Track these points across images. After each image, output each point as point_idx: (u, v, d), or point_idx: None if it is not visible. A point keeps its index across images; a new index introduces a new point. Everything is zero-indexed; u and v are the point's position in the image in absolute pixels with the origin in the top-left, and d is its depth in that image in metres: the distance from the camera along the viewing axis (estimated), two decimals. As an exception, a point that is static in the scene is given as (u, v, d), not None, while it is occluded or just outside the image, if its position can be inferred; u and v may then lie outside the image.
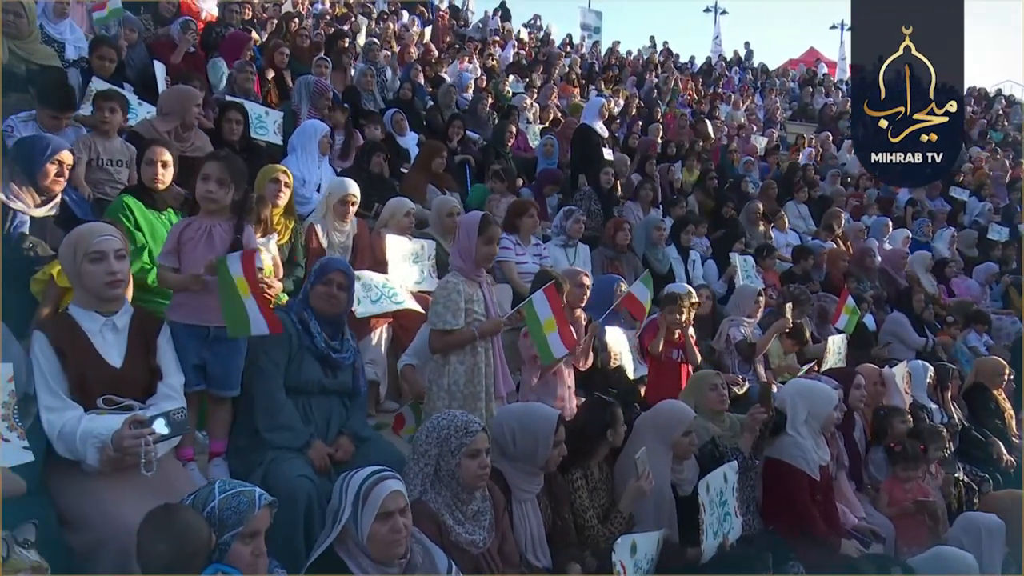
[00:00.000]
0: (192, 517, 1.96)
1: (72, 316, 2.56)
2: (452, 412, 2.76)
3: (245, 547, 2.00)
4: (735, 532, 3.24)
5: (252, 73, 6.23)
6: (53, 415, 2.37)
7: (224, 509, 2.01)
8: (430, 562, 2.35)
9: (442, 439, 2.60)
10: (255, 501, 2.04)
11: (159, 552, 1.88)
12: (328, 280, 3.08)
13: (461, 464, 2.58)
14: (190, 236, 2.82)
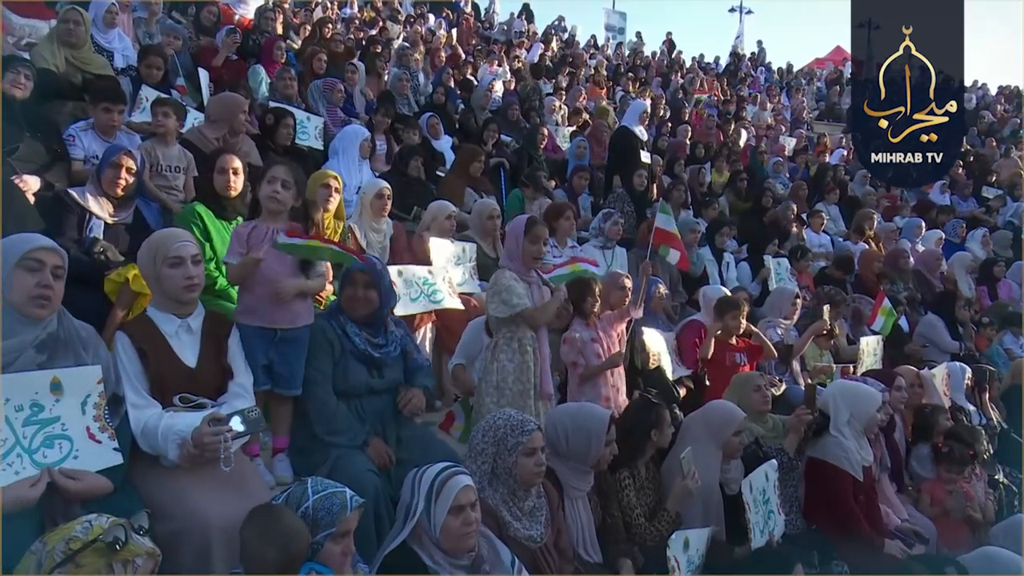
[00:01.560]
0: (294, 521, 2.05)
1: (151, 318, 2.68)
2: (507, 411, 2.85)
3: (336, 546, 2.11)
4: (779, 529, 3.30)
5: (292, 79, 6.37)
6: (137, 412, 2.49)
7: (318, 510, 2.11)
8: (495, 556, 2.45)
9: (499, 438, 2.68)
10: (347, 503, 2.15)
11: (268, 556, 1.97)
12: (352, 281, 3.14)
13: (518, 462, 2.66)
14: (257, 238, 2.93)
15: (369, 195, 4.65)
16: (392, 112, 6.98)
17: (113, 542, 1.68)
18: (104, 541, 1.68)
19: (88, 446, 2.26)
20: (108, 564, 1.66)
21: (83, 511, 2.17)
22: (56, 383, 2.26)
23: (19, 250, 2.26)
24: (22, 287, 2.23)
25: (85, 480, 2.18)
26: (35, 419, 2.20)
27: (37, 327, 2.28)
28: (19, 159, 3.90)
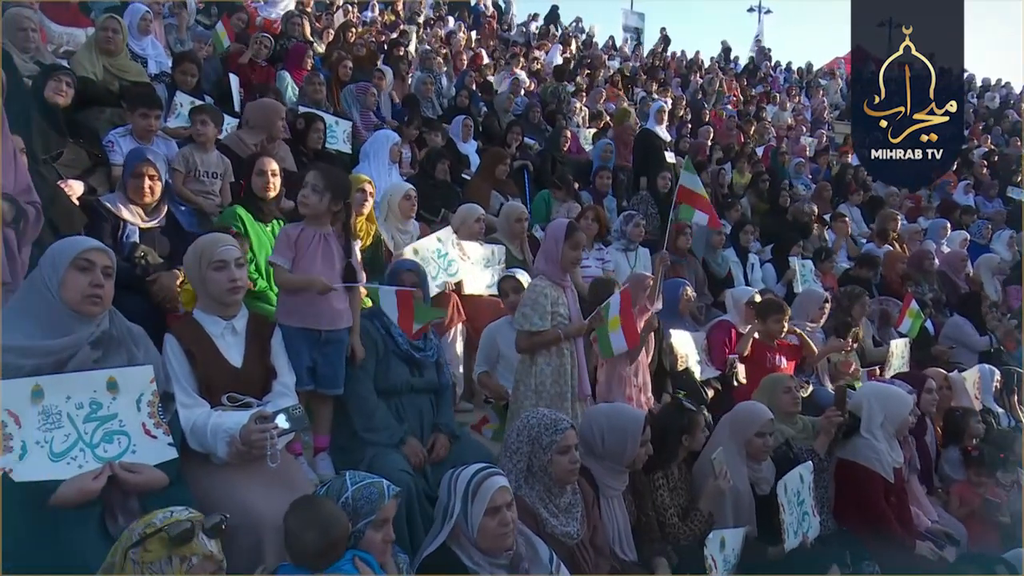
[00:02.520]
0: (334, 508, 2.13)
1: (197, 320, 2.76)
2: (541, 411, 2.90)
3: (376, 533, 2.17)
4: (814, 531, 3.32)
5: (321, 84, 6.47)
6: (186, 411, 2.56)
7: (358, 499, 2.19)
8: (534, 554, 2.49)
9: (533, 437, 2.73)
10: (385, 492, 2.22)
11: (308, 540, 2.05)
12: (400, 281, 3.24)
13: (553, 460, 2.71)
14: (306, 242, 3.00)
15: (396, 197, 4.73)
16: (419, 119, 7.06)
17: (176, 535, 1.74)
18: (168, 533, 1.73)
19: (144, 441, 2.34)
20: (168, 555, 1.72)
21: (140, 504, 2.27)
22: (112, 382, 2.34)
23: (71, 252, 2.34)
24: (76, 286, 2.31)
25: (143, 474, 2.26)
26: (95, 416, 2.28)
27: (91, 324, 2.36)
28: (63, 165, 4.00)
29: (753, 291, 5.35)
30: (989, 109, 17.63)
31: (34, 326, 2.28)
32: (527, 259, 5.42)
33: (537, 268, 3.61)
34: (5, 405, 2.14)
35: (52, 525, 2.08)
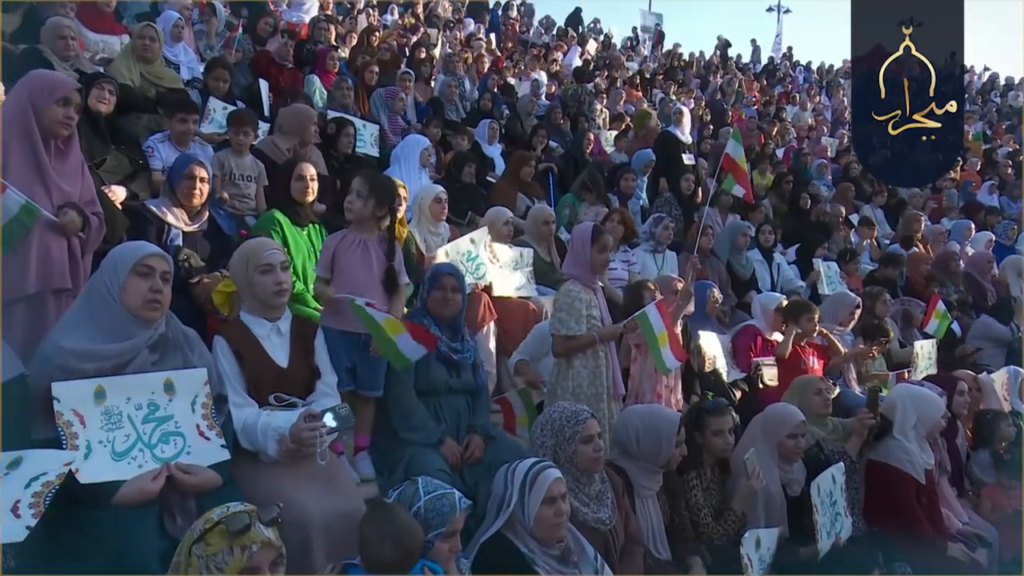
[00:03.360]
0: (410, 520, 2.18)
1: (244, 322, 2.84)
2: (561, 404, 2.98)
3: (445, 544, 2.24)
4: (846, 531, 3.35)
5: (349, 89, 6.56)
6: (238, 411, 2.64)
7: (429, 511, 2.25)
8: (581, 549, 2.56)
9: (556, 430, 2.81)
10: (456, 504, 2.28)
11: (385, 551, 2.10)
12: (441, 285, 3.30)
13: (577, 450, 2.79)
14: (345, 249, 3.08)
15: (427, 200, 4.80)
16: (442, 122, 7.13)
17: (235, 527, 1.80)
18: (227, 525, 1.80)
19: (199, 443, 2.41)
20: (229, 546, 1.78)
21: (196, 504, 2.35)
22: (169, 384, 2.43)
23: (132, 258, 2.42)
24: (136, 292, 2.39)
25: (199, 475, 2.33)
26: (152, 417, 2.37)
27: (150, 329, 2.44)
28: (106, 171, 4.11)
29: (780, 297, 5.37)
30: (1013, 108, 17.46)
31: (96, 330, 2.37)
32: (554, 261, 5.48)
33: (567, 272, 3.67)
34: (71, 405, 2.22)
35: (114, 523, 2.16)
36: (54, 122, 2.81)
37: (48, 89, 2.84)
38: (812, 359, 4.65)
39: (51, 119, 2.81)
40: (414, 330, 2.97)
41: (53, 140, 2.85)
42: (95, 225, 2.95)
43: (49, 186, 2.86)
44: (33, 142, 2.82)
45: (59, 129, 2.83)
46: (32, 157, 2.84)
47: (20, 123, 2.82)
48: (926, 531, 3.67)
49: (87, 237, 2.92)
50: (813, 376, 4.18)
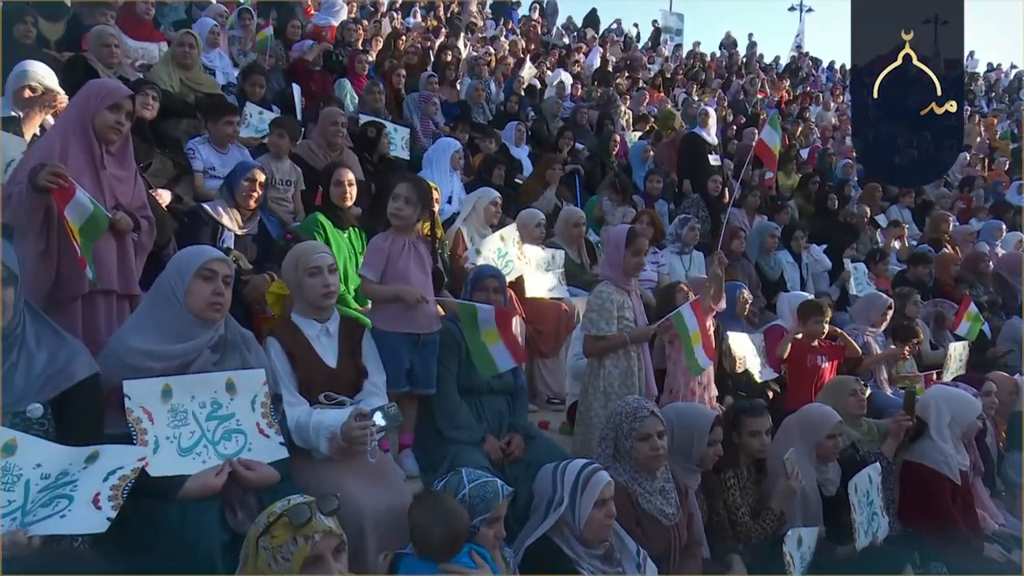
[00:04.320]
0: (456, 504, 2.27)
1: (295, 323, 2.93)
2: (627, 399, 3.04)
3: (490, 530, 2.32)
4: (883, 531, 3.37)
5: (380, 93, 6.66)
6: (291, 410, 2.73)
7: (474, 497, 2.33)
8: (622, 546, 2.61)
9: (616, 424, 2.88)
10: (499, 491, 2.36)
11: (435, 533, 2.19)
12: (484, 286, 3.38)
13: (634, 447, 2.84)
14: (398, 252, 3.16)
15: (484, 202, 4.91)
16: (469, 125, 7.21)
17: (297, 518, 1.88)
18: (289, 516, 1.88)
19: (259, 440, 2.50)
20: (293, 537, 1.85)
21: (256, 499, 2.43)
22: (230, 383, 2.52)
23: (196, 262, 2.52)
24: (200, 295, 2.48)
25: (259, 471, 2.42)
26: (215, 415, 2.46)
27: (211, 330, 2.53)
28: (151, 174, 4.22)
29: (807, 295, 5.38)
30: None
31: (161, 330, 2.46)
32: (584, 262, 5.54)
33: (602, 274, 3.73)
34: (140, 402, 2.32)
35: (180, 515, 2.24)
36: (106, 127, 2.90)
37: (102, 96, 2.93)
38: (822, 359, 4.65)
39: (103, 124, 2.89)
40: (511, 343, 3.06)
41: (105, 145, 2.94)
42: (146, 228, 3.04)
43: (103, 189, 2.96)
44: (90, 146, 2.91)
45: (111, 134, 2.92)
46: (90, 161, 2.94)
47: (78, 128, 2.91)
48: (961, 532, 3.68)
49: (139, 240, 3.01)
50: (849, 377, 4.19)
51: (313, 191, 4.76)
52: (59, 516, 1.87)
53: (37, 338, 2.12)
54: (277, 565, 1.81)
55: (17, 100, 3.47)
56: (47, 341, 2.13)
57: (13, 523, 1.88)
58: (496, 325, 3.06)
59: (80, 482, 1.95)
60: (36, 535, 1.82)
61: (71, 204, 2.66)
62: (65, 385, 2.10)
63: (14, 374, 2.04)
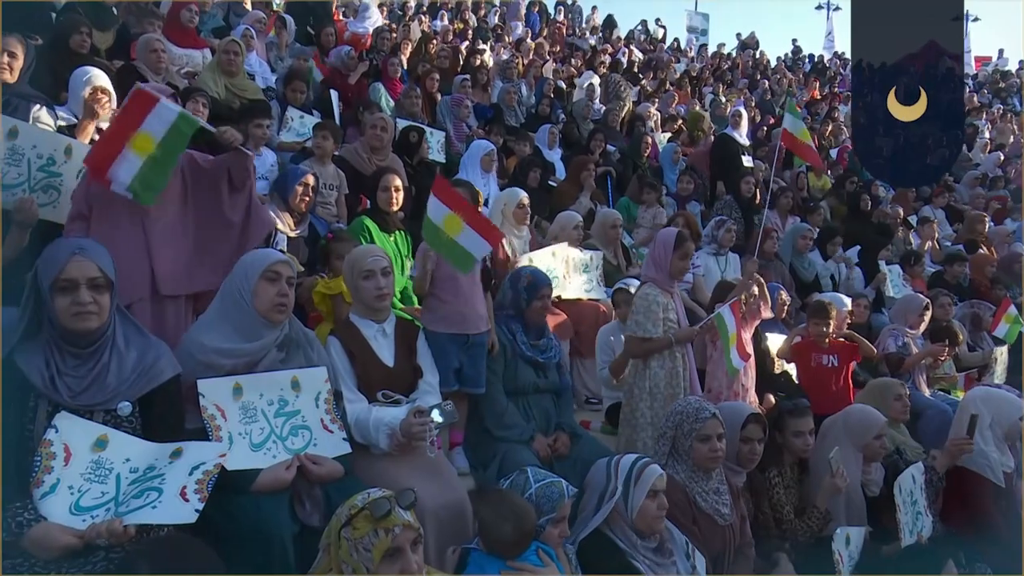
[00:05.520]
0: (525, 503, 2.35)
1: (353, 323, 3.03)
2: (688, 398, 3.09)
3: (555, 529, 2.39)
4: (927, 530, 3.39)
5: (417, 97, 6.76)
6: (351, 407, 2.83)
7: (540, 497, 2.40)
8: (671, 538, 2.67)
9: (677, 423, 2.93)
10: (564, 492, 2.43)
11: (506, 530, 2.28)
12: (542, 295, 3.48)
13: (693, 447, 2.89)
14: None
15: (511, 204, 4.96)
16: (503, 128, 7.29)
17: (378, 511, 1.96)
18: (371, 510, 1.96)
19: (324, 436, 2.60)
20: (375, 529, 1.94)
21: (322, 492, 2.53)
22: (295, 381, 2.62)
23: (262, 264, 2.62)
24: (266, 296, 2.58)
25: (325, 465, 2.52)
26: (283, 411, 2.56)
27: (276, 330, 2.64)
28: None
29: (843, 298, 5.39)
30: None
31: (230, 330, 2.57)
32: (620, 264, 5.59)
33: (646, 275, 3.78)
34: (213, 400, 2.43)
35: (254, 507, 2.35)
36: None
37: None
38: (831, 358, 4.65)
39: None
40: (475, 223, 3.07)
41: None
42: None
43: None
44: None
45: None
46: None
47: None
48: (1004, 534, 3.67)
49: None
50: (895, 380, 4.19)
51: (357, 194, 4.87)
52: (151, 507, 1.97)
53: (126, 339, 2.23)
54: (358, 555, 1.89)
55: (85, 107, 3.60)
56: (135, 342, 2.24)
57: (108, 513, 2.00)
58: (449, 207, 3.06)
59: (167, 476, 2.06)
60: (130, 524, 1.93)
61: (153, 112, 2.72)
62: (153, 384, 2.21)
63: (106, 374, 2.15)
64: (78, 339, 2.13)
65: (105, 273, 2.16)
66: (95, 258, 2.16)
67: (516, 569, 2.27)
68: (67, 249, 2.16)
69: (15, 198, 2.84)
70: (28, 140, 2.86)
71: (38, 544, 1.88)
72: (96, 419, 2.13)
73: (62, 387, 2.10)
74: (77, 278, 2.10)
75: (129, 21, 6.11)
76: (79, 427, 2.08)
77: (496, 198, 5.11)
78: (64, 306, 2.09)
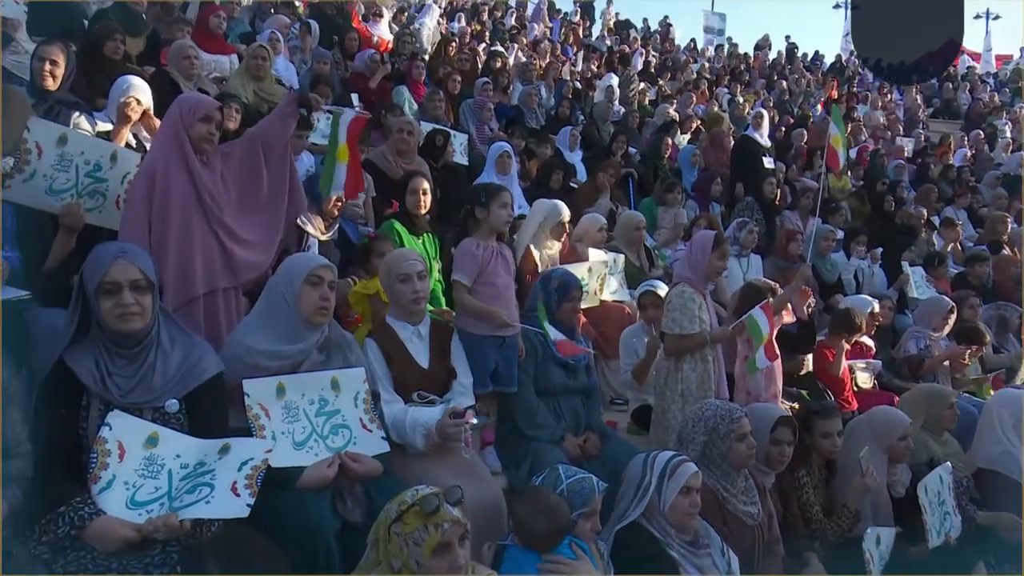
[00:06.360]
0: (558, 499, 2.40)
1: (390, 325, 3.10)
2: (713, 402, 3.12)
3: (587, 523, 2.44)
4: (956, 530, 3.40)
5: (441, 101, 6.82)
6: (388, 407, 2.89)
7: (572, 492, 2.45)
8: (707, 535, 2.71)
9: (711, 428, 2.95)
10: (595, 487, 2.48)
11: (540, 525, 2.33)
12: (571, 297, 3.52)
13: (732, 447, 2.92)
14: (487, 257, 3.31)
15: (552, 220, 4.76)
16: (524, 131, 7.35)
17: (428, 507, 2.01)
18: (421, 506, 2.02)
19: (363, 434, 2.67)
20: (424, 525, 1.99)
21: (363, 489, 2.60)
22: (335, 381, 2.69)
23: (305, 269, 2.69)
24: (309, 299, 2.65)
25: (365, 463, 2.58)
26: (324, 411, 2.63)
27: (317, 332, 2.71)
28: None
29: (869, 300, 5.39)
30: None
31: (273, 332, 2.65)
32: (643, 266, 5.63)
33: (680, 276, 3.81)
34: (258, 399, 2.50)
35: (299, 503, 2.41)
36: (200, 138, 3.05)
37: (193, 109, 3.08)
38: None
39: (197, 135, 3.05)
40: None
41: (200, 155, 3.06)
42: None
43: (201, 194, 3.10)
44: (186, 158, 3.05)
45: (203, 144, 3.06)
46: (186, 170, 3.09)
47: (175, 141, 3.05)
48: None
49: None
50: (947, 390, 4.13)
51: (384, 197, 4.94)
52: (204, 502, 2.04)
53: (171, 339, 2.30)
54: (409, 550, 1.95)
55: (118, 113, 3.70)
56: (180, 341, 2.31)
57: (162, 508, 2.07)
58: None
59: (217, 472, 2.12)
60: (186, 519, 2.00)
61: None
62: (197, 382, 2.28)
63: (152, 373, 2.22)
64: (124, 340, 2.20)
65: (146, 275, 2.22)
66: (136, 261, 2.23)
67: (552, 562, 2.32)
68: (110, 253, 2.23)
69: (63, 203, 2.92)
70: (77, 147, 2.95)
71: (99, 537, 1.96)
72: (145, 417, 2.20)
73: (112, 386, 2.17)
74: (120, 280, 2.17)
75: (159, 27, 6.22)
76: (131, 425, 2.15)
77: (537, 207, 4.94)
78: (108, 308, 2.16)
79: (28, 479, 2.09)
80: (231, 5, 7.66)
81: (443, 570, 1.94)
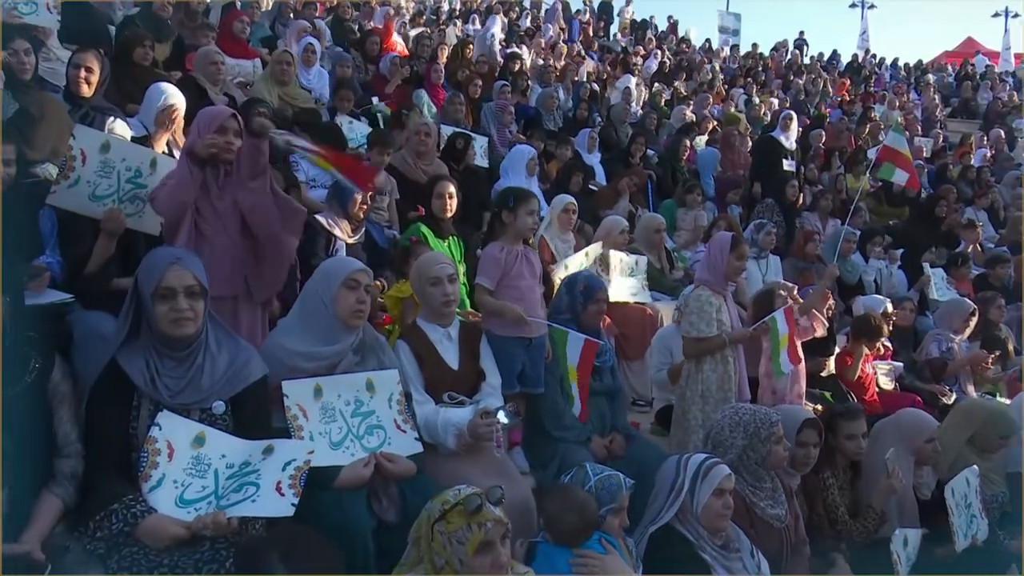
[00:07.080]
0: (586, 495, 2.46)
1: (421, 327, 3.15)
2: (746, 407, 3.14)
3: (615, 519, 2.49)
4: (983, 532, 3.41)
5: (461, 104, 6.88)
6: (419, 408, 2.94)
7: (600, 488, 2.51)
8: (738, 539, 2.75)
9: (751, 432, 2.96)
10: (622, 484, 2.53)
11: (570, 521, 2.39)
12: (597, 299, 3.56)
13: (771, 450, 2.95)
14: (511, 261, 3.36)
15: (557, 209, 5.03)
16: (543, 133, 7.39)
17: (472, 507, 2.06)
18: (464, 505, 2.07)
19: (397, 435, 2.72)
20: (468, 524, 2.04)
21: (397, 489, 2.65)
22: (370, 383, 2.74)
23: (342, 272, 2.75)
24: (345, 303, 2.70)
25: (399, 463, 2.63)
26: (359, 412, 2.69)
27: (353, 335, 2.76)
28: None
29: (885, 301, 5.39)
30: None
31: (310, 334, 2.70)
32: (664, 268, 5.66)
33: (699, 279, 3.85)
34: (296, 400, 2.56)
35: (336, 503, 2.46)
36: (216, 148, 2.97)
37: (207, 123, 3.04)
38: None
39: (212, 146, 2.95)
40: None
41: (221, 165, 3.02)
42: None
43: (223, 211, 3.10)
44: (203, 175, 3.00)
45: (224, 155, 3.00)
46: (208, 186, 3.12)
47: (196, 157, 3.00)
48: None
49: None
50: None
51: (406, 200, 5.00)
52: (250, 501, 2.11)
53: (218, 342, 2.36)
54: (452, 549, 2.00)
55: (156, 120, 3.77)
56: (226, 345, 2.38)
57: (210, 506, 2.13)
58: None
59: (263, 472, 2.19)
60: (233, 517, 2.06)
61: None
62: (243, 384, 2.34)
63: (201, 375, 2.29)
64: (175, 344, 2.27)
65: (200, 281, 2.29)
66: (191, 267, 2.30)
67: (581, 556, 2.36)
68: (165, 259, 2.30)
69: (105, 208, 3.00)
70: (118, 153, 3.02)
71: (150, 534, 2.02)
72: (192, 417, 2.26)
73: (161, 387, 2.24)
74: (175, 286, 2.24)
75: (184, 33, 6.31)
76: (179, 425, 2.22)
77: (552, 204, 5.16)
78: (163, 313, 2.23)
79: (80, 477, 2.16)
80: (252, 9, 7.77)
81: (486, 568, 1.99)
